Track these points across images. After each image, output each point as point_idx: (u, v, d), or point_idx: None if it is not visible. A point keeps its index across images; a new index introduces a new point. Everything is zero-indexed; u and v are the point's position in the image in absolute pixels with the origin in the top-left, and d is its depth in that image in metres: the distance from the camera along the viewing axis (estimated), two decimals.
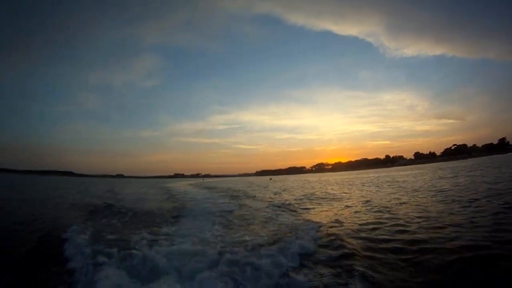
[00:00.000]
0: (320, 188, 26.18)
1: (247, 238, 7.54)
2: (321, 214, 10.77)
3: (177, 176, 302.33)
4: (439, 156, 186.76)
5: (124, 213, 12.31)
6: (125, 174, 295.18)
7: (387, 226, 7.69)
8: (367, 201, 12.91)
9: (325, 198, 16.52)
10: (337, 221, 8.90)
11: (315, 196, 18.01)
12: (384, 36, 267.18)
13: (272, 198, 17.91)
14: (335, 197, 16.79)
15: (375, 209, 10.63)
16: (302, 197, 17.70)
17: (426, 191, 14.87)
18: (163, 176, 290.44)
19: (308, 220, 9.48)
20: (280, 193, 22.50)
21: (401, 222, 8.01)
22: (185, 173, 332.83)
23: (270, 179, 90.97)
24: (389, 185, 22.30)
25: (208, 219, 10.72)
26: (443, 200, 11.13)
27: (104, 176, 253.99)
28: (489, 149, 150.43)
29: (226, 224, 9.77)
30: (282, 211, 12.08)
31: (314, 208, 12.53)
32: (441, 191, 13.97)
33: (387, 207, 10.74)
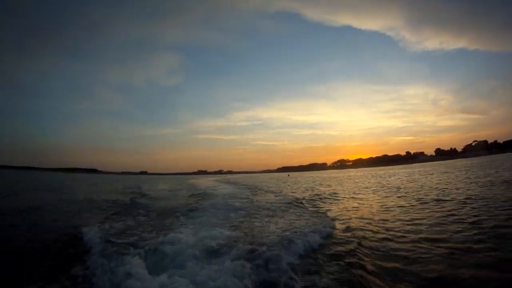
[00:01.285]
0: (325, 184, 27.97)
1: (257, 231, 7.72)
2: (332, 211, 10.94)
3: (200, 173, 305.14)
4: (460, 152, 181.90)
5: (147, 208, 12.81)
6: (148, 171, 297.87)
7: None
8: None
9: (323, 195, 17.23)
10: (339, 218, 9.39)
11: (321, 193, 18.66)
12: (405, 30, 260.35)
13: (286, 193, 19.20)
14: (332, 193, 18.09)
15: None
16: (308, 193, 19.40)
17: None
18: (186, 173, 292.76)
19: (319, 216, 9.82)
20: (291, 187, 24.84)
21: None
22: (208, 170, 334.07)
23: (288, 175, 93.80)
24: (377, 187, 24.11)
25: (224, 213, 10.99)
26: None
27: (128, 173, 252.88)
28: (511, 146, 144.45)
29: (240, 217, 10.02)
30: (295, 205, 12.56)
31: (324, 205, 12.85)
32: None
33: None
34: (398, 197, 13.91)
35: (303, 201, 14.14)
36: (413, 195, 13.89)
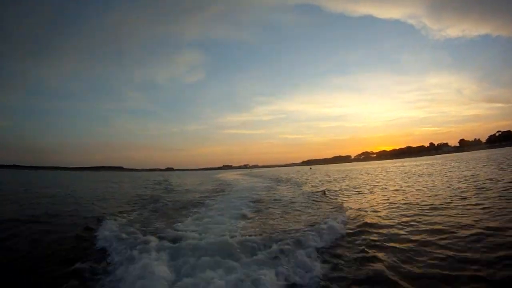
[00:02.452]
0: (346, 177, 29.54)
1: (272, 223, 7.75)
2: (351, 204, 10.46)
3: (225, 167, 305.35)
4: (484, 143, 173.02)
5: (167, 201, 13.00)
6: (174, 168, 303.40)
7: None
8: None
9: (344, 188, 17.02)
10: (361, 210, 8.98)
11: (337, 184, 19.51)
12: (426, 17, 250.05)
13: (302, 184, 20.26)
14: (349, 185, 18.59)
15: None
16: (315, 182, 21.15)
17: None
18: (212, 168, 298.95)
19: (336, 209, 9.41)
20: (310, 180, 26.14)
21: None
22: (233, 165, 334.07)
23: (310, 168, 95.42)
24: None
25: (245, 204, 11.10)
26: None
27: (154, 170, 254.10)
28: None
29: (255, 209, 10.10)
30: (311, 198, 12.51)
31: (343, 198, 12.42)
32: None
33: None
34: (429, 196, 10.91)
35: (314, 191, 15.18)
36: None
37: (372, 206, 9.62)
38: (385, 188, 15.16)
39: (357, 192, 14.16)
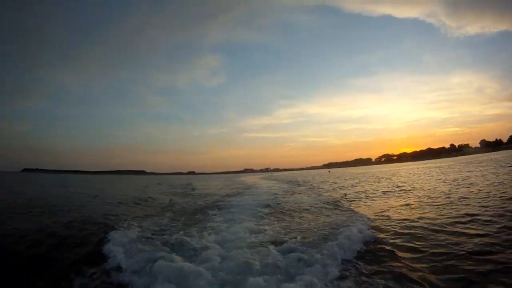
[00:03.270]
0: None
1: (289, 226, 7.89)
2: (367, 209, 10.42)
3: (246, 171, 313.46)
4: (505, 143, 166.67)
5: (185, 206, 12.98)
6: (196, 171, 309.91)
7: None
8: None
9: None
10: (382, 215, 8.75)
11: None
12: (445, 15, 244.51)
13: (321, 190, 19.99)
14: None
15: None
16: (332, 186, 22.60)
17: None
18: (233, 172, 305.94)
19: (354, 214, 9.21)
20: (327, 184, 26.91)
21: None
22: (255, 168, 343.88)
23: (329, 171, 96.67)
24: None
25: (254, 209, 11.24)
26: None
27: (176, 173, 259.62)
28: None
29: (270, 213, 10.39)
30: (329, 202, 12.40)
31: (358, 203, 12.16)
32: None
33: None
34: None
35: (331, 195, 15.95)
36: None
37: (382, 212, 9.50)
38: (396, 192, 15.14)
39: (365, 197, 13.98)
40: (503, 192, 10.76)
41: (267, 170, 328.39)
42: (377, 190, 17.12)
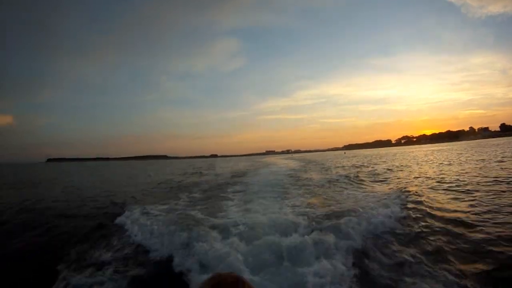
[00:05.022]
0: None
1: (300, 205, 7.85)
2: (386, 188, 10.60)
3: (268, 153, 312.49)
4: None
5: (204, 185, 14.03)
6: (218, 154, 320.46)
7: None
8: None
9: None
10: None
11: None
12: None
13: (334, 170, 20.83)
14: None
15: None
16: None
17: None
18: (255, 154, 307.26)
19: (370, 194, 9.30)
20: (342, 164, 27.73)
21: None
22: (276, 150, 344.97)
23: (344, 153, 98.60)
24: None
25: (285, 184, 11.80)
26: None
27: (199, 157, 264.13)
28: None
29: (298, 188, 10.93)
30: (341, 180, 12.98)
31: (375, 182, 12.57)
32: None
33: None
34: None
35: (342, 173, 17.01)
36: None
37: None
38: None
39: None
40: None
41: (288, 151, 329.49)
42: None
